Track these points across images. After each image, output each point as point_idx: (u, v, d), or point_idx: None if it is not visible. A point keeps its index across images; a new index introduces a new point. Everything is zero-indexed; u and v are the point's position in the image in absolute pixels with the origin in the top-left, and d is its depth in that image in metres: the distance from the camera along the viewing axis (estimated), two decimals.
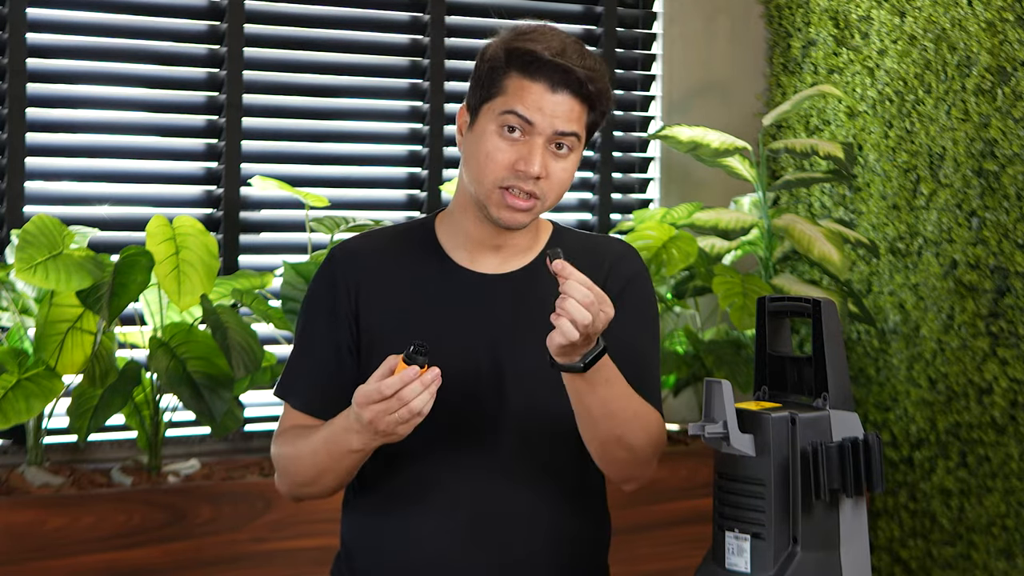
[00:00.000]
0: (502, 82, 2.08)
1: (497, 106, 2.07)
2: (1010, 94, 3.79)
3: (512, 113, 2.06)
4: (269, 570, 3.36)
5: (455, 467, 2.13)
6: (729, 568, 1.92)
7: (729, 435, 1.89)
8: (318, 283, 2.20)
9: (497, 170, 2.06)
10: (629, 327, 2.15)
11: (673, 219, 4.06)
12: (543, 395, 2.12)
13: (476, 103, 2.10)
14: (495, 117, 2.07)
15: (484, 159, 2.07)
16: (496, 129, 2.07)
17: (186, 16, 3.77)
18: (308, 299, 2.21)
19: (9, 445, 3.50)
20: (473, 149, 2.10)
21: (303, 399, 2.18)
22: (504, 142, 2.07)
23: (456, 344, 2.12)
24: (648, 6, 4.38)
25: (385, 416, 1.95)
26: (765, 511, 1.89)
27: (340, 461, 2.07)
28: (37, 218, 3.22)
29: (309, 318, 2.20)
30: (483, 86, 2.09)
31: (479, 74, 2.11)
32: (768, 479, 1.88)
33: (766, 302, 2.05)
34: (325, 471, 2.10)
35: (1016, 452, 3.81)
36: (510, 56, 2.08)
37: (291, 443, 2.14)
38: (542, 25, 2.14)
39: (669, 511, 3.79)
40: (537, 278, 2.15)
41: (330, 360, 2.16)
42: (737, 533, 1.91)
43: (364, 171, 4.03)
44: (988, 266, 3.85)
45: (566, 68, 2.07)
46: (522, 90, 2.06)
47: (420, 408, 1.94)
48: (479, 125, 2.09)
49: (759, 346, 2.05)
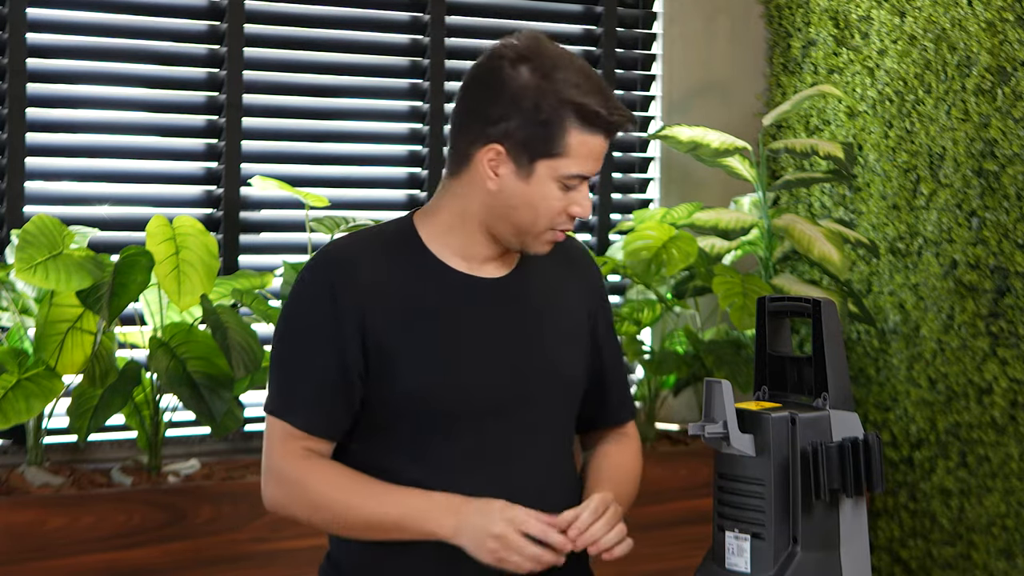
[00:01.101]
0: (563, 139, 2.08)
1: (561, 167, 2.09)
2: (1010, 94, 3.79)
3: (578, 176, 2.10)
4: (269, 570, 3.36)
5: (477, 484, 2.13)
6: (729, 568, 1.92)
7: (729, 435, 1.90)
8: (314, 303, 2.12)
9: (553, 217, 2.12)
10: (612, 336, 2.32)
11: (673, 219, 4.05)
12: (560, 393, 2.20)
13: (530, 156, 2.09)
14: (558, 176, 2.09)
15: (543, 209, 2.11)
16: (558, 186, 2.10)
17: (186, 16, 3.77)
18: (303, 317, 2.14)
19: (9, 445, 3.50)
20: (527, 198, 2.10)
21: (306, 421, 2.13)
22: (561, 192, 2.11)
23: (473, 353, 2.14)
24: (648, 6, 4.38)
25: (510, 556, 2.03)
26: (765, 511, 1.89)
27: (402, 533, 2.08)
28: (37, 218, 3.22)
29: (308, 340, 2.13)
30: (540, 140, 2.08)
31: (531, 123, 2.08)
32: (768, 479, 1.89)
33: (766, 302, 2.05)
34: (373, 530, 2.10)
35: (1016, 452, 3.81)
36: (575, 112, 2.08)
37: (335, 484, 2.11)
38: (576, 60, 2.12)
39: (669, 511, 3.79)
40: (528, 277, 2.20)
41: (336, 383, 2.12)
42: (737, 533, 1.92)
43: (364, 171, 4.02)
44: (988, 266, 3.85)
45: (621, 124, 2.11)
46: (584, 146, 2.09)
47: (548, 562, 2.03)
48: (537, 180, 2.09)
49: (759, 346, 2.05)
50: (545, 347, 2.18)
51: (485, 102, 2.10)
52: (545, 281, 2.21)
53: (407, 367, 2.09)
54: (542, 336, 2.18)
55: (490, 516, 2.04)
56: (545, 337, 2.18)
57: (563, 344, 2.21)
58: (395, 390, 2.11)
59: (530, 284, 2.19)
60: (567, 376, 2.21)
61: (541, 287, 2.20)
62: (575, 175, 2.09)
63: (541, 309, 2.19)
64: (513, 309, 2.17)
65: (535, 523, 2.03)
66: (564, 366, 2.21)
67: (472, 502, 2.06)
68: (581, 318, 2.26)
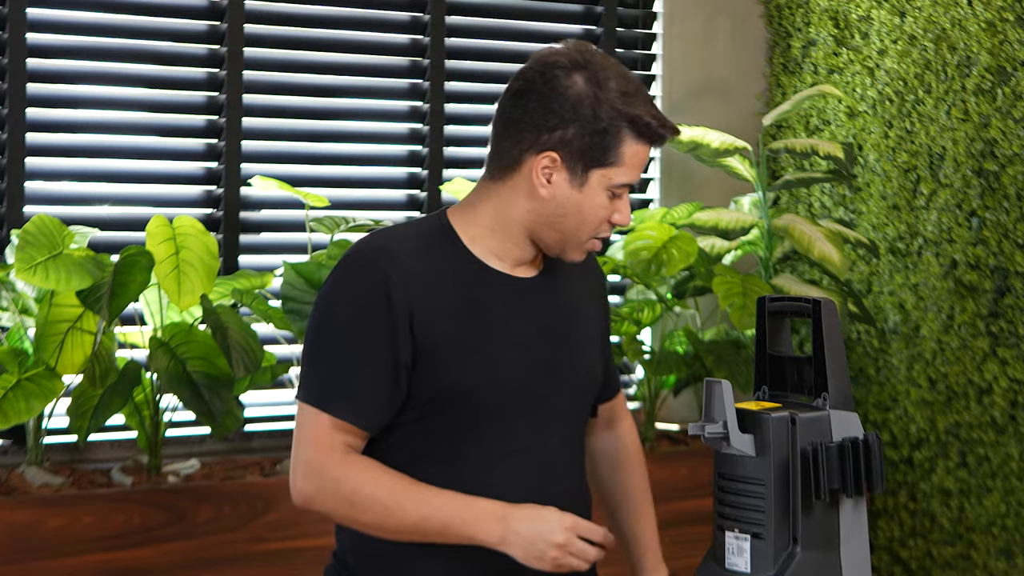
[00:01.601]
0: (618, 149, 2.12)
1: (613, 176, 2.13)
2: (1010, 94, 3.79)
3: (626, 186, 2.15)
4: (269, 570, 3.36)
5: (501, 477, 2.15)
6: (729, 568, 1.92)
7: (729, 435, 1.90)
8: (366, 290, 2.11)
9: (598, 225, 2.16)
10: (608, 319, 2.40)
11: (673, 219, 4.06)
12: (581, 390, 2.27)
13: (586, 164, 2.12)
14: (609, 185, 2.13)
15: (591, 217, 2.15)
16: (607, 193, 2.14)
17: (186, 16, 3.77)
18: (353, 303, 2.12)
19: (9, 445, 3.50)
20: (577, 207, 2.14)
21: (353, 413, 2.10)
22: (608, 200, 2.15)
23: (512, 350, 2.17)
24: (648, 6, 4.38)
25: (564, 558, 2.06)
26: (765, 511, 1.89)
27: (445, 538, 2.09)
28: (37, 218, 3.22)
29: (359, 328, 2.10)
30: (597, 149, 2.11)
31: (587, 132, 2.11)
32: (768, 479, 1.89)
33: (766, 302, 2.05)
34: (414, 533, 2.09)
35: (1016, 452, 3.81)
36: (629, 123, 2.12)
37: (377, 483, 2.09)
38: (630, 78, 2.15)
39: (669, 511, 3.78)
40: (555, 279, 2.25)
41: (388, 377, 2.10)
42: (737, 533, 1.92)
43: (364, 171, 4.02)
44: (988, 266, 3.85)
45: (669, 135, 2.16)
46: (636, 156, 2.14)
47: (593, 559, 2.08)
48: (590, 188, 2.13)
49: (759, 346, 2.05)
50: (572, 346, 2.24)
51: (540, 110, 2.11)
52: (568, 283, 2.27)
53: (450, 362, 2.11)
54: (568, 336, 2.24)
55: (548, 524, 2.06)
56: (571, 337, 2.24)
57: (585, 343, 2.27)
58: (436, 384, 2.11)
59: (557, 285, 2.25)
60: (590, 374, 2.28)
61: (565, 289, 2.26)
62: (624, 184, 2.14)
63: (568, 310, 2.25)
64: (545, 309, 2.22)
65: (595, 527, 2.09)
66: (588, 365, 2.27)
67: (518, 510, 2.07)
68: (595, 317, 2.33)
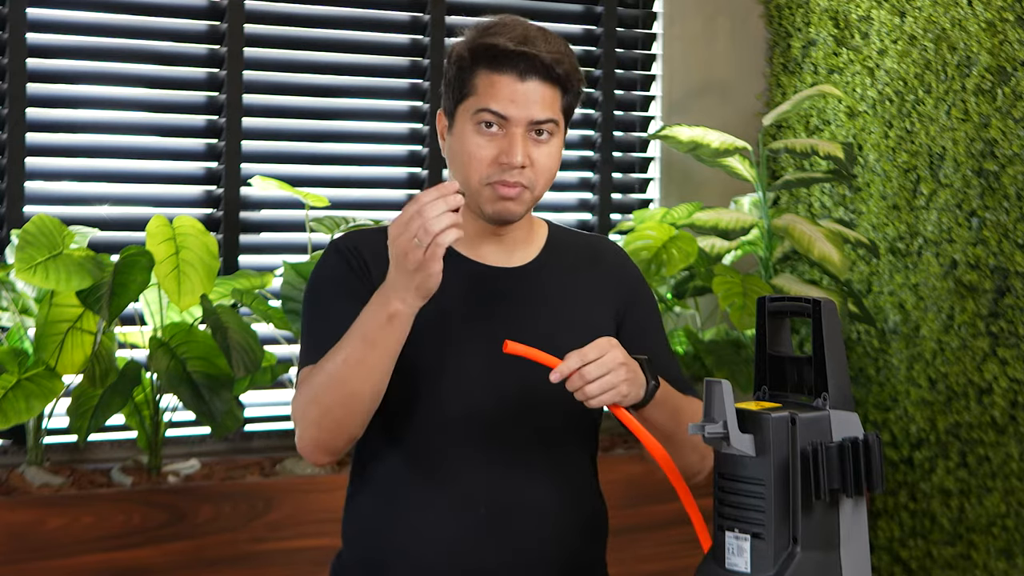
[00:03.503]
0: (472, 81, 2.10)
1: (471, 105, 2.10)
2: (1010, 94, 3.79)
3: (486, 111, 2.09)
4: (269, 570, 3.36)
5: (473, 462, 2.13)
6: (729, 568, 1.92)
7: (729, 435, 1.89)
8: (333, 269, 2.15)
9: (482, 167, 2.09)
10: (655, 329, 2.28)
11: (673, 219, 4.06)
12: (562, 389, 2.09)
13: (451, 106, 2.13)
14: (470, 117, 2.10)
15: (468, 159, 2.10)
16: (473, 128, 2.10)
17: (186, 16, 3.77)
18: (324, 281, 2.15)
19: (9, 445, 3.50)
20: (456, 151, 2.13)
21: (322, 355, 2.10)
22: (483, 139, 2.10)
23: (477, 336, 2.13)
24: (648, 6, 4.38)
25: (404, 236, 1.94)
26: (765, 511, 1.89)
27: (376, 346, 2.00)
28: (37, 218, 3.22)
29: (329, 297, 2.14)
30: (454, 88, 2.12)
31: (448, 77, 2.14)
32: (768, 479, 1.88)
33: (766, 302, 2.05)
34: (357, 372, 2.02)
35: (1016, 452, 3.81)
36: (475, 53, 2.11)
37: (316, 370, 2.07)
38: (503, 17, 2.15)
39: (669, 511, 3.77)
40: (541, 274, 2.19)
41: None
42: (737, 533, 1.91)
43: (364, 171, 4.03)
44: (988, 266, 3.85)
45: (530, 55, 2.08)
46: (492, 86, 2.09)
47: (434, 227, 1.93)
48: (457, 127, 2.12)
49: (759, 346, 2.05)
50: (555, 344, 2.08)
51: None
52: (558, 277, 2.20)
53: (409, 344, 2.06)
54: (552, 334, 2.13)
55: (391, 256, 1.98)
56: (556, 336, 2.12)
57: (574, 341, 2.07)
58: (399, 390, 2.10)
59: (540, 279, 2.19)
60: None
61: (550, 283, 2.19)
62: (484, 109, 2.08)
63: (554, 306, 2.18)
64: (517, 299, 2.17)
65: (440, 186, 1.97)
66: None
67: None
68: (601, 315, 2.22)
